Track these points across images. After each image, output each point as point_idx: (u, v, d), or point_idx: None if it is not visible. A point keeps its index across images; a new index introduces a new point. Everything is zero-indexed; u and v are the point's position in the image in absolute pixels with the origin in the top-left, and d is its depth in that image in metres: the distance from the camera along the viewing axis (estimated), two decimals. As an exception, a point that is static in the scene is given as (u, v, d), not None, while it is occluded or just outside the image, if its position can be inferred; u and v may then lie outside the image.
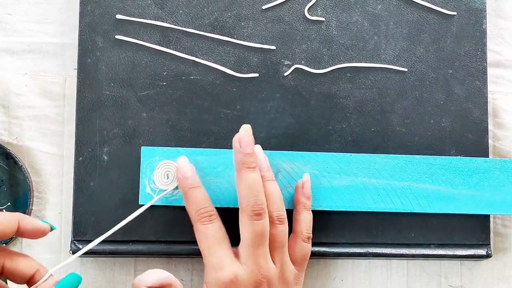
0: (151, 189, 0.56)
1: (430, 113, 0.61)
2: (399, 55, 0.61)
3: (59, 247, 0.59)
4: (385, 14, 0.61)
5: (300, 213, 0.55)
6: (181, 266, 0.60)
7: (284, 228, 0.53)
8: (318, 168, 0.57)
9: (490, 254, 0.60)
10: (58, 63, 0.60)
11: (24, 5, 0.60)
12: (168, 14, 0.59)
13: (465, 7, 0.62)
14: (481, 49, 0.62)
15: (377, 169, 0.58)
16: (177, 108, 0.58)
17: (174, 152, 0.56)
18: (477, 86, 0.61)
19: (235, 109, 0.59)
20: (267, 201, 0.52)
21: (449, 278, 0.62)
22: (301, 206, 0.56)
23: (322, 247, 0.58)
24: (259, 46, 0.60)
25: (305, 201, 0.56)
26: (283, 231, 0.53)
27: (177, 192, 0.56)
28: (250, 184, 0.51)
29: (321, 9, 0.61)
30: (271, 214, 0.52)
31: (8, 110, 0.59)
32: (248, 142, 0.52)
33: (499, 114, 0.64)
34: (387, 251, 0.59)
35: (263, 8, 0.60)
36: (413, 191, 0.58)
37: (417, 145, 0.60)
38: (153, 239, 0.57)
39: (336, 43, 0.60)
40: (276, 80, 0.60)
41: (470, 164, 0.59)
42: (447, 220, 0.60)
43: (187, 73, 0.59)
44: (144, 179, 0.56)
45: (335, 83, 0.60)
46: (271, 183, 0.54)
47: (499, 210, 0.59)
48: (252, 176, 0.51)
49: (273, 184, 0.54)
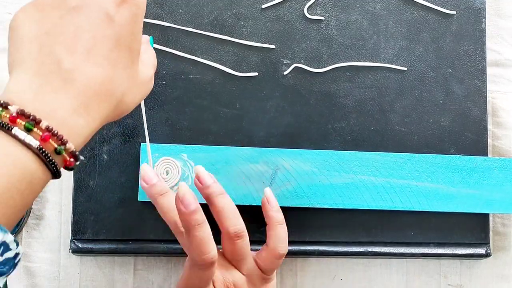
0: None
1: (429, 112, 0.61)
2: (398, 54, 0.61)
3: (59, 246, 0.59)
4: (385, 13, 0.61)
5: (273, 229, 0.53)
6: (181, 265, 0.60)
7: (244, 241, 0.51)
8: (317, 165, 0.57)
9: (490, 253, 0.60)
10: (58, 62, 0.60)
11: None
12: (167, 13, 0.59)
13: (464, 6, 0.62)
14: (480, 48, 0.62)
15: (376, 167, 0.58)
16: (177, 107, 0.58)
17: (173, 149, 0.56)
18: (477, 85, 0.61)
19: (234, 108, 0.59)
20: (221, 218, 0.51)
21: (449, 277, 0.62)
22: (273, 221, 0.53)
23: (321, 246, 0.59)
24: (258, 45, 0.60)
25: (275, 215, 0.54)
26: (244, 244, 0.51)
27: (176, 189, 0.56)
28: (200, 240, 0.48)
29: (320, 8, 0.61)
30: (227, 230, 0.50)
31: (7, 109, 0.59)
32: (189, 201, 0.47)
33: (498, 113, 0.64)
34: (387, 250, 0.59)
35: (263, 7, 0.60)
36: (412, 190, 0.58)
37: (416, 144, 0.60)
38: (153, 238, 0.57)
39: (335, 42, 0.60)
40: (275, 79, 0.60)
41: (469, 163, 0.59)
42: (447, 219, 0.60)
43: (186, 72, 0.59)
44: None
45: (334, 82, 0.60)
46: (221, 197, 0.51)
47: (498, 209, 0.59)
48: (203, 231, 0.48)
49: (224, 198, 0.51)
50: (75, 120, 0.38)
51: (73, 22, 0.39)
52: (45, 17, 0.39)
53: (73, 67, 0.38)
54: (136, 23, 0.41)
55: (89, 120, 0.39)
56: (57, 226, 0.59)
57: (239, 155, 0.56)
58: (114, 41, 0.40)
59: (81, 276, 0.59)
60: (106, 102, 0.40)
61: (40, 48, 0.38)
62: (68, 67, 0.38)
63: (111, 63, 0.40)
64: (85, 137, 0.39)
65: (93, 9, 0.40)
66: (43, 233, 0.59)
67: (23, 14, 0.40)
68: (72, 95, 0.38)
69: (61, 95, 0.38)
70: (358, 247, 0.59)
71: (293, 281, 0.61)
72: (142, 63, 0.44)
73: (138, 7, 0.41)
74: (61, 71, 0.38)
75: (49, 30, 0.39)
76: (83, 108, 0.38)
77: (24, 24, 0.39)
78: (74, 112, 0.38)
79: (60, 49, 0.38)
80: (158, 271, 0.60)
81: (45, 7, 0.39)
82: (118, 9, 0.40)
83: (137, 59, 0.42)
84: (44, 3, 0.40)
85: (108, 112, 0.40)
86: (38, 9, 0.39)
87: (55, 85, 0.38)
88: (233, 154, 0.56)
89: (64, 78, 0.38)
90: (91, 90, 0.39)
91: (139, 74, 0.43)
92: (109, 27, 0.40)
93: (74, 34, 0.39)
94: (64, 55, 0.38)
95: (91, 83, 0.39)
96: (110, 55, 0.40)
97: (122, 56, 0.40)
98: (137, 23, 0.41)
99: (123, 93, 0.41)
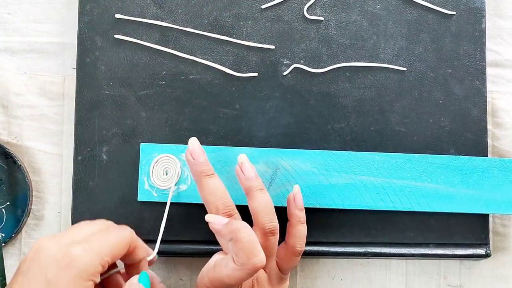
0: (150, 185, 0.56)
1: (429, 112, 0.61)
2: (398, 54, 0.61)
3: (58, 246, 0.59)
4: (384, 13, 0.61)
5: (294, 226, 0.54)
6: (181, 266, 0.60)
7: (275, 239, 0.52)
8: (317, 166, 0.57)
9: (489, 254, 0.60)
10: (58, 63, 0.61)
11: (24, 5, 0.61)
12: (167, 13, 0.59)
13: (464, 7, 0.62)
14: (480, 49, 0.62)
15: (376, 167, 0.58)
16: (176, 108, 0.58)
17: (173, 148, 0.56)
18: (476, 85, 0.61)
19: (234, 109, 0.59)
20: (258, 213, 0.52)
21: (448, 278, 0.62)
22: (295, 219, 0.54)
23: (321, 246, 0.59)
24: (258, 46, 0.60)
25: (298, 213, 0.54)
26: (274, 242, 0.52)
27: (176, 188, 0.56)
28: (213, 190, 0.52)
29: (320, 8, 0.61)
30: (263, 226, 0.51)
31: (7, 110, 0.59)
32: (199, 153, 0.52)
33: (498, 114, 0.64)
34: (386, 251, 0.59)
35: (262, 7, 0.60)
36: (411, 190, 0.58)
37: (416, 144, 0.60)
38: (153, 239, 0.57)
39: (335, 42, 0.60)
40: (275, 80, 0.60)
41: (469, 163, 0.59)
42: (446, 219, 0.60)
43: (186, 73, 0.59)
44: (143, 175, 0.56)
45: (334, 82, 0.60)
46: (261, 193, 0.52)
47: (498, 210, 0.59)
48: (213, 182, 0.52)
49: (263, 195, 0.52)
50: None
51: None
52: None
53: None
54: (77, 286, 0.44)
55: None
56: (57, 227, 0.59)
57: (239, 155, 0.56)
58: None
59: (80, 277, 0.59)
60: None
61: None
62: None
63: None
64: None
65: (35, 274, 0.44)
66: (43, 234, 0.59)
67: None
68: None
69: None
70: (358, 248, 0.59)
71: (293, 281, 0.61)
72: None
73: (80, 271, 0.44)
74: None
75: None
76: None
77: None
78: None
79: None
80: (158, 271, 0.60)
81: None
82: (58, 272, 0.43)
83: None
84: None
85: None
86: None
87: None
88: (233, 154, 0.56)
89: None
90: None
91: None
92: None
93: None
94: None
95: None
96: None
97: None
98: (78, 287, 0.44)
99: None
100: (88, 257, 0.44)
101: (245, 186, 0.53)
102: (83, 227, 0.47)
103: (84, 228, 0.47)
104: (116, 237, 0.46)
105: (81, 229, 0.47)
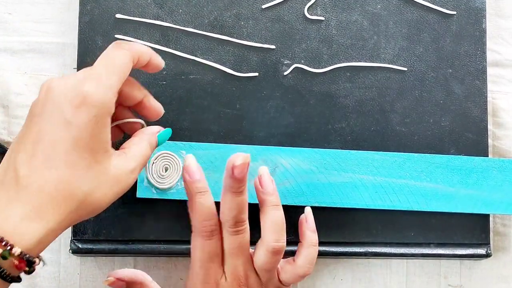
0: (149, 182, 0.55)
1: (429, 112, 0.61)
2: (398, 54, 0.61)
3: (59, 246, 0.59)
4: (385, 13, 0.61)
5: (306, 248, 0.53)
6: (181, 265, 0.60)
7: (279, 258, 0.51)
8: (316, 164, 0.57)
9: (490, 254, 0.60)
10: (58, 63, 0.61)
11: (24, 5, 0.61)
12: (167, 13, 0.59)
13: (464, 7, 0.62)
14: (480, 49, 0.62)
15: (375, 166, 0.58)
16: (177, 108, 0.58)
17: (173, 146, 0.56)
18: (477, 85, 0.61)
19: (234, 109, 0.59)
20: (267, 229, 0.51)
21: (449, 278, 0.62)
22: (308, 242, 0.53)
23: (321, 246, 0.58)
24: (258, 46, 0.60)
25: (311, 235, 0.53)
26: (277, 260, 0.51)
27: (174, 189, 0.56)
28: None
29: (320, 8, 0.61)
30: (268, 244, 0.50)
31: (8, 110, 0.59)
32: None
33: (499, 114, 0.64)
34: (387, 251, 0.59)
35: (263, 7, 0.60)
36: (410, 189, 0.58)
37: (416, 144, 0.60)
38: (153, 239, 0.57)
39: (335, 42, 0.60)
40: (275, 80, 0.60)
41: (468, 163, 0.59)
42: (447, 219, 0.60)
43: (186, 73, 0.59)
44: (142, 172, 0.56)
45: (334, 82, 0.60)
46: (274, 210, 0.51)
47: (497, 210, 0.59)
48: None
49: (277, 212, 0.51)
50: (27, 225, 0.40)
51: (35, 129, 0.42)
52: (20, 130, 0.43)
53: (28, 173, 0.41)
54: (98, 124, 0.42)
55: (43, 223, 0.40)
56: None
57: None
58: (71, 143, 0.41)
59: (81, 277, 0.59)
60: (63, 204, 0.41)
61: (7, 159, 0.42)
62: (24, 173, 0.41)
63: (69, 165, 0.41)
64: (40, 239, 0.40)
65: (52, 113, 0.41)
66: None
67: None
68: (24, 200, 0.40)
69: (14, 202, 0.40)
70: (358, 248, 0.59)
71: (293, 282, 0.61)
72: (125, 157, 0.45)
73: (98, 108, 0.42)
74: (18, 178, 0.41)
75: (18, 139, 0.42)
76: (35, 213, 0.40)
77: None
78: (26, 217, 0.40)
79: (21, 156, 0.41)
80: (158, 271, 0.60)
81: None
82: (75, 112, 0.41)
83: (103, 158, 0.43)
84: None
85: (67, 214, 0.41)
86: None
87: (11, 194, 0.40)
88: (232, 151, 0.56)
89: (18, 185, 0.40)
90: (44, 194, 0.40)
91: (110, 171, 0.43)
92: (66, 130, 0.41)
93: (34, 140, 0.41)
94: (23, 162, 0.41)
95: (44, 187, 0.41)
96: (68, 158, 0.41)
97: (82, 157, 0.41)
98: (99, 124, 0.42)
99: (86, 193, 0.42)
100: (101, 91, 0.42)
101: (261, 199, 0.52)
102: (83, 69, 0.44)
103: (84, 69, 0.44)
104: (119, 59, 0.44)
105: (82, 70, 0.44)
